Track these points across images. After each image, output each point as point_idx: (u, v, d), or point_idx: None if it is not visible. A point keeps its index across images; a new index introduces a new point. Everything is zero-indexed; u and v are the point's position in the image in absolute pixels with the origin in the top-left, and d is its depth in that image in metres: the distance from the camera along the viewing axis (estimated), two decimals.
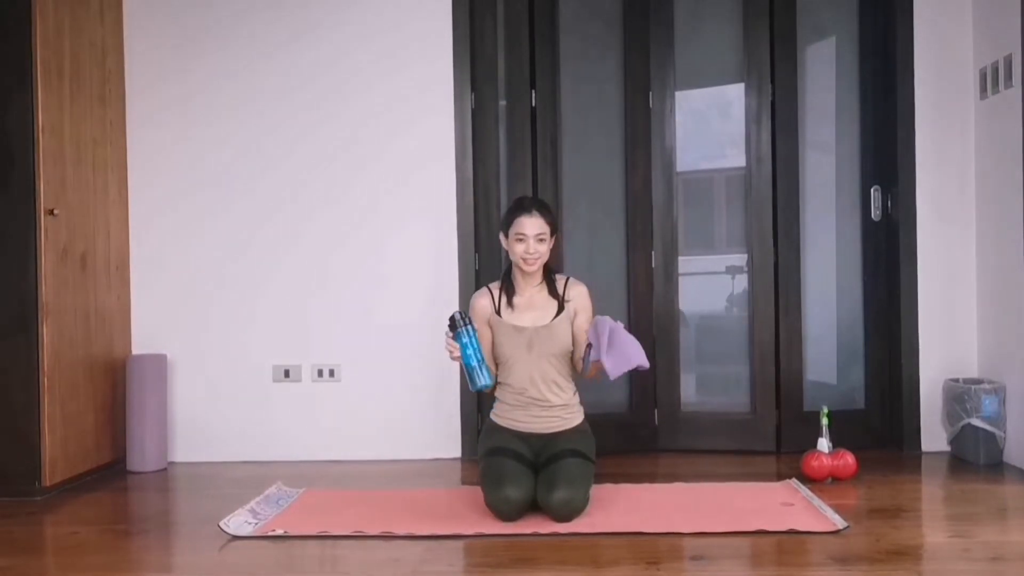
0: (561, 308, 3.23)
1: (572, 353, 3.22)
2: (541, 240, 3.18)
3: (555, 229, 3.25)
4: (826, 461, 3.53)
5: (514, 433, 3.21)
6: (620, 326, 3.05)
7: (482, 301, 3.28)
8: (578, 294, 3.26)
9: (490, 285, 3.33)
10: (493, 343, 3.23)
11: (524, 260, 3.18)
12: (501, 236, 3.28)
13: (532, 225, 3.17)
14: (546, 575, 2.52)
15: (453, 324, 3.07)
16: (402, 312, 4.15)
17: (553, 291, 3.25)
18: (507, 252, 3.27)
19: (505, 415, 3.25)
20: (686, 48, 4.24)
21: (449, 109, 4.13)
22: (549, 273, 3.28)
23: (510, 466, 3.04)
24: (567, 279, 3.30)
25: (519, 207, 3.24)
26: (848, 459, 3.55)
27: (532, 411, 3.20)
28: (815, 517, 2.97)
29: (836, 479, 3.54)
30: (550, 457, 3.10)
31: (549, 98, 4.17)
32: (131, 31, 4.21)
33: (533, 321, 3.21)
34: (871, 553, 2.63)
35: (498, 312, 3.24)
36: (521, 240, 3.17)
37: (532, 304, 3.23)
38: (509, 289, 3.28)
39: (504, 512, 2.97)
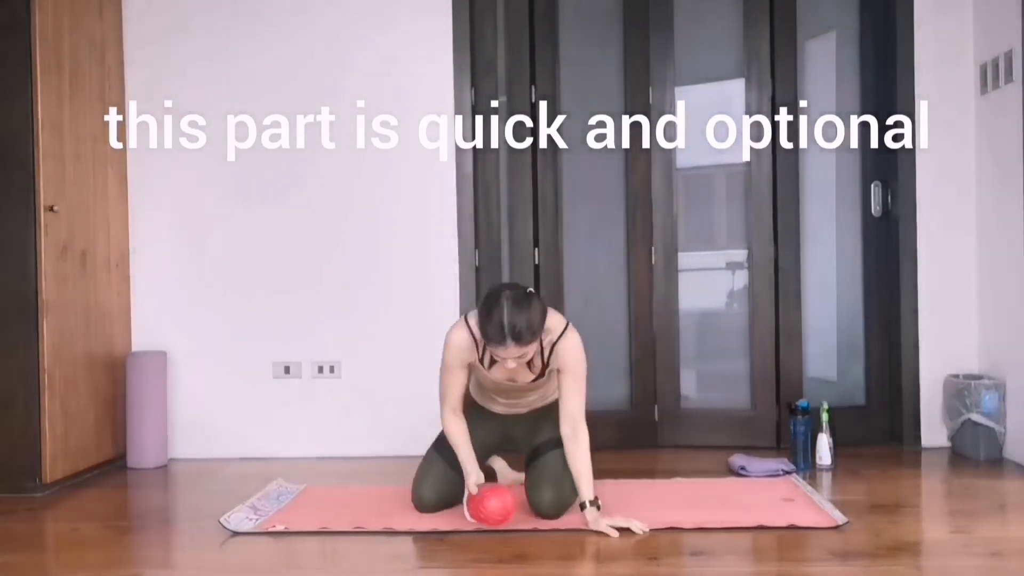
0: (544, 370, 2.95)
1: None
2: (522, 357, 2.79)
3: (538, 338, 2.80)
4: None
5: (489, 413, 3.16)
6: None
7: (461, 342, 2.90)
8: (565, 350, 2.88)
9: (468, 317, 2.92)
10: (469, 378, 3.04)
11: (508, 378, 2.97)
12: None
13: (510, 353, 2.74)
14: (546, 571, 2.53)
15: None
16: (402, 308, 4.15)
17: (539, 349, 2.89)
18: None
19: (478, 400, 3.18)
20: (686, 44, 4.23)
21: (449, 105, 4.13)
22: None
23: (437, 469, 3.06)
24: (562, 331, 2.89)
25: (491, 338, 2.72)
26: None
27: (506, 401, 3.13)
28: (815, 513, 2.97)
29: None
30: (533, 451, 3.09)
31: (549, 93, 4.17)
32: (130, 28, 4.20)
33: (517, 375, 2.97)
34: (871, 549, 2.63)
35: (481, 361, 2.95)
36: (499, 362, 2.84)
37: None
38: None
39: (417, 507, 3.06)
